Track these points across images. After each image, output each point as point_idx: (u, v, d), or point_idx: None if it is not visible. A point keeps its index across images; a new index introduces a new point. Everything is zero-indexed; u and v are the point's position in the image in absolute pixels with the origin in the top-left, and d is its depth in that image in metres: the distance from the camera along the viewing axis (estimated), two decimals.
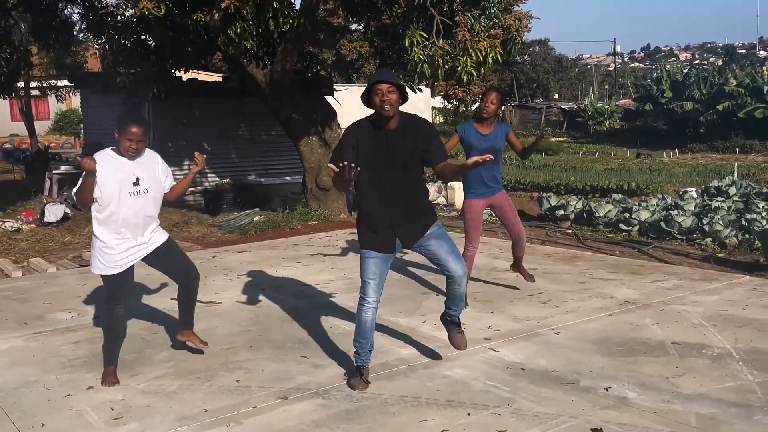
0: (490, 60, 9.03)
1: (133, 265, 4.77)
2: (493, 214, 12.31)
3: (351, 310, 6.34)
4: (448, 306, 4.79)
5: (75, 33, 13.48)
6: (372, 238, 4.48)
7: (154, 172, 4.78)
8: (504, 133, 6.39)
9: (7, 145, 30.96)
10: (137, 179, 4.64)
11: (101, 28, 12.01)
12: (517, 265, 6.83)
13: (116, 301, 4.75)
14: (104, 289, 4.83)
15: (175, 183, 4.96)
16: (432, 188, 14.65)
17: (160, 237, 4.85)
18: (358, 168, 4.15)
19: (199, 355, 5.27)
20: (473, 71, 9.20)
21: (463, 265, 4.56)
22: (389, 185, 4.39)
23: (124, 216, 4.60)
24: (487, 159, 4.09)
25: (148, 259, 4.83)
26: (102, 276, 4.73)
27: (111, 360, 4.80)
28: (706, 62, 79.94)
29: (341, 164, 4.14)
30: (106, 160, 4.59)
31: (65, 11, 12.97)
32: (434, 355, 5.15)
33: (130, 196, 4.61)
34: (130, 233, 4.66)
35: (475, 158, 4.15)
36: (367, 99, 4.32)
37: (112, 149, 4.70)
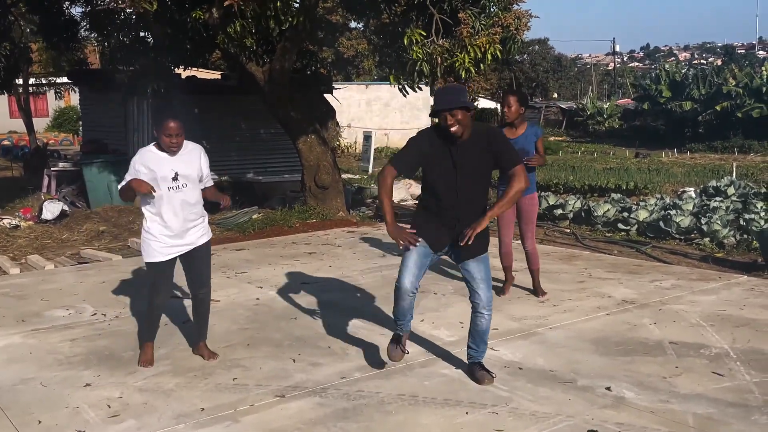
0: (489, 57, 9.01)
1: (175, 259, 4.92)
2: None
3: (349, 309, 6.34)
4: (469, 344, 4.70)
5: (78, 31, 13.46)
6: (427, 228, 4.45)
7: (195, 165, 4.91)
8: (535, 137, 6.39)
9: (6, 142, 30.93)
10: (176, 174, 4.79)
11: (102, 25, 12.00)
12: (533, 280, 6.73)
13: (156, 291, 4.95)
14: (147, 277, 5.07)
15: (209, 186, 5.15)
16: None
17: (203, 237, 5.02)
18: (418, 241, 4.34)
19: (196, 354, 5.26)
20: (471, 68, 9.18)
21: (490, 296, 4.57)
22: (452, 198, 4.38)
23: (165, 209, 4.78)
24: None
25: (185, 257, 4.97)
26: (147, 263, 4.92)
27: (149, 336, 5.08)
28: (705, 62, 79.97)
29: (414, 240, 4.34)
30: (146, 157, 4.78)
31: (69, 10, 12.98)
32: (432, 354, 5.15)
33: (170, 191, 4.78)
34: (174, 225, 4.82)
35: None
36: (436, 117, 4.34)
37: (154, 145, 4.84)
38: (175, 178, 4.79)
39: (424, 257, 4.48)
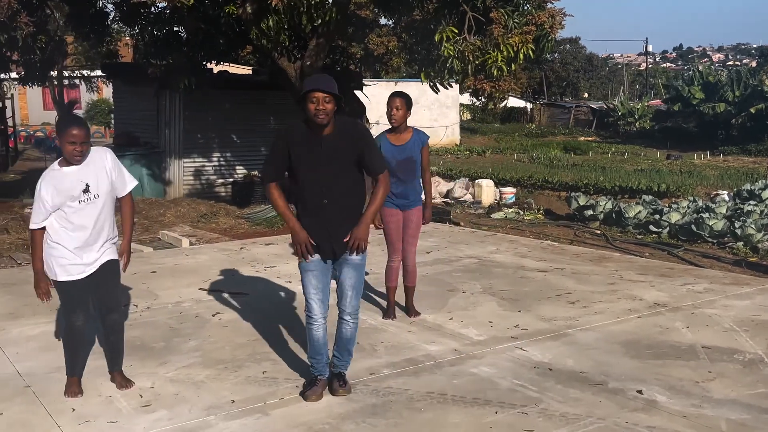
0: (521, 56, 8.94)
1: (89, 279, 4.38)
2: (520, 212, 12.25)
3: (377, 305, 6.35)
4: (333, 352, 4.47)
5: (109, 23, 13.61)
6: (311, 233, 4.25)
7: (103, 172, 4.35)
8: (421, 144, 5.86)
9: (39, 134, 31.42)
10: (86, 186, 4.27)
11: (134, 18, 12.11)
12: (406, 298, 6.09)
13: (72, 311, 4.40)
14: (60, 298, 4.47)
15: (126, 196, 4.50)
16: (459, 185, 14.60)
17: (111, 254, 4.45)
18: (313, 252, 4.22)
19: (227, 346, 5.31)
20: (503, 66, 9.12)
21: (357, 305, 4.39)
22: (325, 191, 4.19)
23: (76, 224, 4.28)
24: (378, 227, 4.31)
25: (92, 275, 4.40)
26: (58, 283, 4.35)
27: (72, 371, 4.49)
28: (739, 63, 78.77)
29: (308, 253, 4.21)
30: (51, 179, 4.28)
31: (100, 1, 13.11)
32: (461, 353, 5.13)
33: (80, 203, 4.26)
34: (84, 241, 4.30)
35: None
36: (302, 105, 4.12)
37: (57, 162, 4.33)
38: (86, 191, 4.25)
39: (322, 275, 4.31)
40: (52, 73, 19.56)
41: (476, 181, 14.54)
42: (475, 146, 29.49)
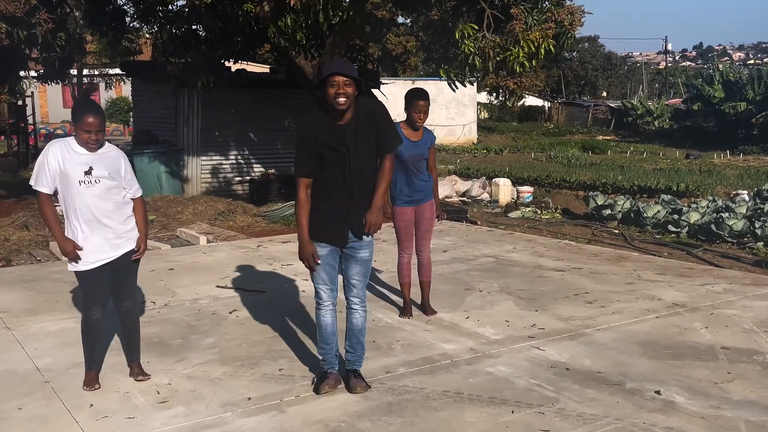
0: (542, 51, 8.89)
1: (106, 267, 4.43)
2: (538, 211, 12.19)
3: (393, 303, 6.34)
4: (345, 347, 4.48)
5: (127, 21, 13.69)
6: (325, 229, 4.26)
7: (113, 167, 4.40)
8: (431, 142, 5.94)
9: (59, 131, 31.69)
10: (90, 168, 4.29)
11: (152, 16, 12.17)
12: (422, 295, 6.09)
13: (90, 303, 4.46)
14: (80, 289, 4.53)
15: (137, 199, 4.56)
16: (476, 184, 14.56)
17: (128, 244, 4.50)
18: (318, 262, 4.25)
19: (243, 343, 5.32)
20: (525, 62, 9.09)
21: (365, 293, 4.41)
22: (350, 178, 4.19)
23: (78, 205, 4.30)
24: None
25: (110, 265, 4.46)
26: (76, 273, 4.42)
27: (90, 365, 4.55)
28: (760, 62, 77.95)
29: (311, 267, 4.28)
30: (59, 146, 4.31)
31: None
32: (477, 352, 5.12)
33: (80, 185, 4.27)
34: (90, 225, 4.34)
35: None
36: (321, 90, 4.10)
37: (72, 138, 4.36)
38: (88, 172, 4.27)
39: (331, 266, 4.34)
40: (71, 71, 19.73)
41: (493, 180, 14.50)
42: (493, 145, 29.39)
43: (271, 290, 6.85)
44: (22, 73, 15.47)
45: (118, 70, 25.11)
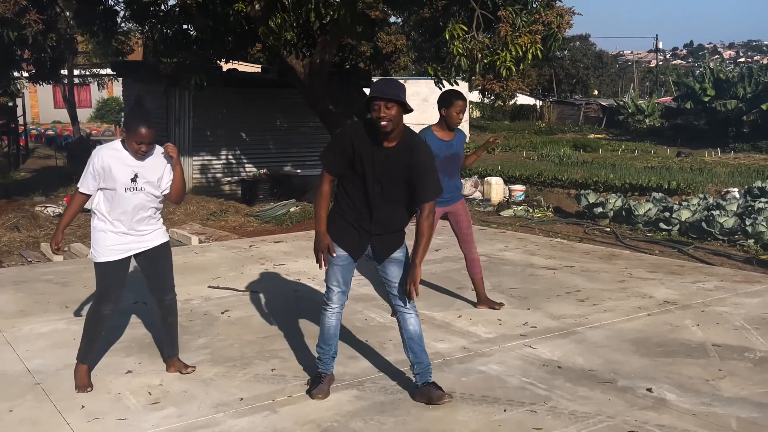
0: (529, 56, 8.91)
1: (128, 263, 4.54)
2: (530, 210, 12.21)
3: (385, 303, 6.34)
4: (410, 359, 4.30)
5: (118, 21, 13.65)
6: (345, 236, 4.20)
7: (157, 174, 4.49)
8: (462, 140, 6.03)
9: (50, 132, 31.58)
10: (135, 176, 4.39)
11: (144, 16, 12.15)
12: (477, 292, 6.20)
13: (106, 298, 4.51)
14: (97, 282, 4.57)
15: (169, 184, 4.57)
16: (469, 182, 14.58)
17: (161, 238, 4.60)
18: (333, 254, 4.17)
19: (236, 344, 5.31)
20: (512, 66, 9.10)
21: (412, 298, 4.21)
22: (373, 200, 4.11)
23: (118, 210, 4.41)
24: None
25: (143, 260, 4.59)
26: (96, 264, 4.50)
27: (84, 358, 4.56)
28: (750, 60, 78.31)
29: (322, 261, 4.20)
30: (108, 152, 4.41)
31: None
32: (469, 351, 5.12)
33: (126, 191, 4.38)
34: (125, 227, 4.44)
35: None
36: (367, 110, 4.07)
37: (120, 142, 4.46)
38: (134, 179, 4.37)
39: (346, 268, 4.27)
40: (62, 71, 19.66)
41: (485, 178, 14.51)
42: None
43: (264, 290, 6.84)
44: (13, 74, 15.41)
45: (109, 70, 25.01)
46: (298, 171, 14.35)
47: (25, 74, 16.25)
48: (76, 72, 27.14)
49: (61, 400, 4.33)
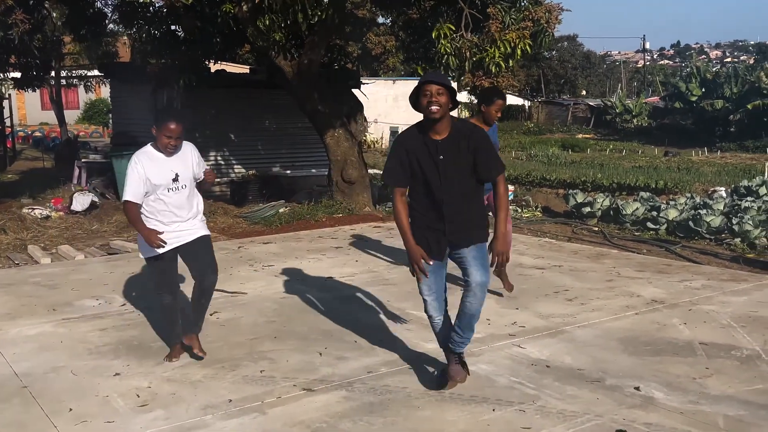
0: (518, 52, 8.93)
1: (176, 255, 4.88)
2: (518, 209, 12.24)
3: (375, 304, 6.35)
4: (454, 327, 4.36)
5: (107, 24, 13.60)
6: (426, 241, 4.22)
7: (189, 166, 4.86)
8: (496, 133, 6.42)
9: (37, 134, 31.40)
10: (176, 175, 4.76)
11: (133, 18, 12.10)
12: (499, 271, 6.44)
13: (161, 289, 4.91)
14: (150, 276, 5.01)
15: (203, 170, 4.97)
16: None
17: (202, 230, 4.94)
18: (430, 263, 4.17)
19: (224, 345, 5.30)
20: (501, 63, 9.12)
21: (485, 280, 4.23)
22: (442, 196, 4.15)
23: (163, 210, 4.76)
24: None
25: (185, 252, 4.90)
26: (147, 260, 4.88)
27: (174, 340, 5.03)
28: (737, 60, 78.82)
29: (422, 273, 4.18)
30: (145, 159, 4.74)
31: (97, 3, 13.11)
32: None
33: (169, 192, 4.75)
34: (170, 224, 4.78)
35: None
36: (414, 100, 4.14)
37: (150, 145, 4.80)
38: (175, 179, 4.75)
39: (437, 278, 4.29)
40: (50, 74, 19.55)
41: None
42: None
43: (252, 292, 6.82)
44: (0, 75, 15.32)
45: (96, 72, 24.88)
46: (287, 172, 14.34)
47: (11, 76, 16.15)
48: (63, 74, 26.99)
49: (49, 403, 4.30)
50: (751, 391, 4.33)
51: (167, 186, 4.72)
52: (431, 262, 4.21)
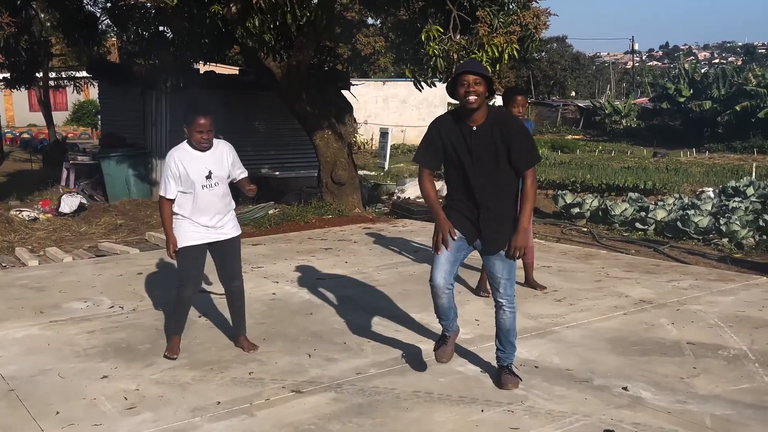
0: (506, 56, 8.93)
1: (206, 249, 4.98)
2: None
3: (364, 305, 6.34)
4: (496, 345, 4.57)
5: (98, 27, 13.53)
6: (458, 221, 4.27)
7: (225, 164, 4.95)
8: (531, 127, 6.50)
9: (25, 135, 31.21)
10: (210, 173, 4.85)
11: (125, 20, 12.06)
12: (527, 274, 6.82)
13: (184, 281, 4.98)
14: (177, 267, 5.06)
15: (244, 177, 5.11)
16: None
17: (234, 229, 5.06)
18: (454, 237, 4.19)
19: (213, 347, 5.29)
20: (488, 66, 9.12)
21: (512, 294, 4.41)
22: (475, 183, 4.21)
23: (196, 206, 4.87)
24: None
25: (216, 249, 5.03)
26: (177, 250, 4.92)
27: (176, 331, 5.10)
28: (725, 61, 79.25)
29: (444, 245, 4.18)
30: (181, 156, 4.84)
31: (88, 6, 13.05)
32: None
33: (203, 189, 4.84)
34: (203, 220, 4.89)
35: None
36: (452, 90, 4.20)
37: (186, 142, 4.89)
38: (209, 177, 4.84)
39: (457, 251, 4.29)
40: (37, 74, 19.43)
41: None
42: None
43: None
44: None
45: (85, 73, 24.75)
46: (277, 173, 14.30)
47: (1, 76, 16.06)
48: (51, 74, 26.85)
49: (36, 406, 4.28)
50: (737, 391, 4.36)
51: (201, 183, 4.81)
52: (456, 237, 4.24)
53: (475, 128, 4.18)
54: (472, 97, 4.07)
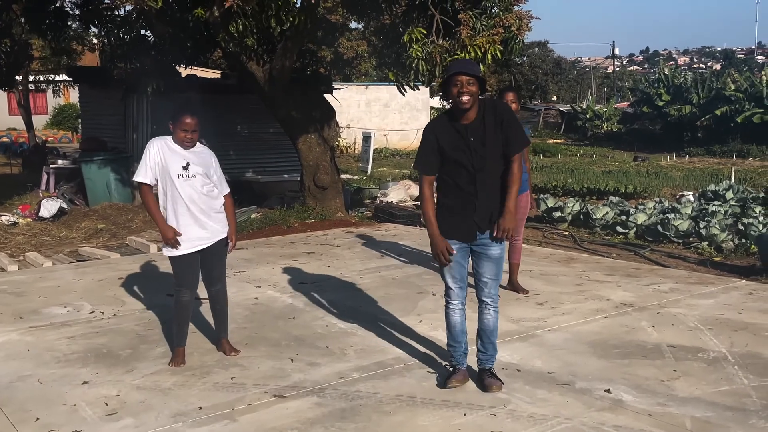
0: (489, 57, 8.97)
1: (198, 253, 4.97)
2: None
3: (347, 310, 6.34)
4: (477, 347, 4.60)
5: (69, 21, 13.35)
6: (454, 225, 4.34)
7: (206, 163, 4.97)
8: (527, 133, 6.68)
9: (5, 139, 30.89)
10: (187, 164, 4.86)
11: (97, 19, 11.95)
12: (511, 275, 6.84)
13: (180, 287, 4.98)
14: (173, 273, 5.06)
15: (226, 195, 5.13)
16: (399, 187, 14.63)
17: (222, 232, 5.05)
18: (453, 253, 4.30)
19: (195, 352, 5.25)
20: None
21: (496, 293, 4.52)
22: (470, 179, 4.28)
23: (178, 200, 4.86)
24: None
25: (203, 251, 5.00)
26: (170, 258, 4.96)
27: (179, 342, 5.05)
28: (704, 66, 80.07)
29: (446, 261, 4.32)
30: (160, 146, 4.91)
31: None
32: (430, 355, 5.14)
33: (179, 178, 4.83)
34: (188, 215, 4.88)
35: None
36: (445, 89, 4.27)
37: (170, 138, 4.95)
38: (186, 168, 4.84)
39: (461, 264, 4.43)
40: (17, 77, 19.26)
41: None
42: None
43: None
44: None
45: (65, 76, 24.55)
46: (259, 177, 14.26)
47: None
48: (31, 78, 26.62)
49: (15, 412, 4.24)
50: (717, 393, 4.40)
51: (177, 172, 4.81)
52: (454, 252, 4.33)
53: (469, 124, 4.26)
54: (465, 98, 4.15)
